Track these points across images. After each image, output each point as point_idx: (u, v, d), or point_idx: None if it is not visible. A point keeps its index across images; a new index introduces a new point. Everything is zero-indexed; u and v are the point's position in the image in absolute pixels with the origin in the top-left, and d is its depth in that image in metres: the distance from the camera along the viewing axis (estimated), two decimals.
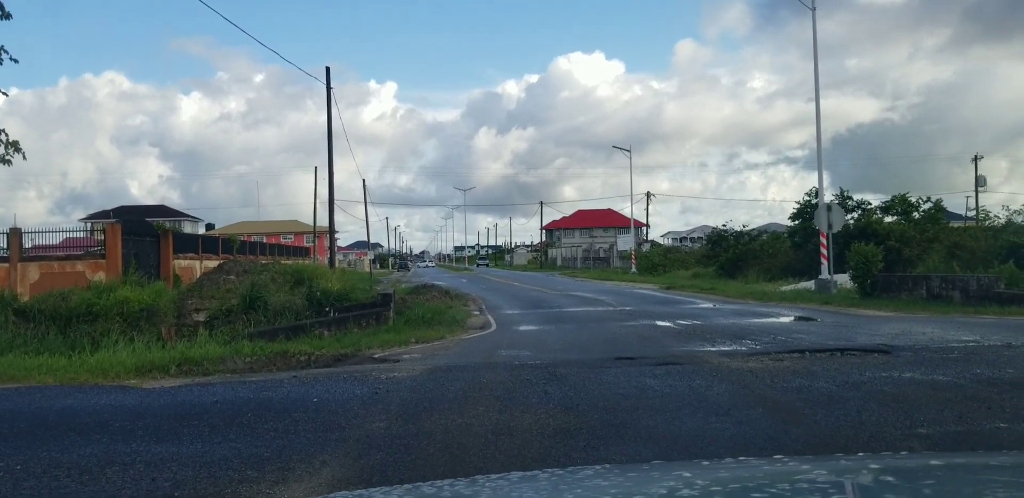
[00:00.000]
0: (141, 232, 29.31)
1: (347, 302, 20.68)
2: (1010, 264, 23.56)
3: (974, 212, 65.59)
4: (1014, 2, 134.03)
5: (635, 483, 2.17)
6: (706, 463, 2.50)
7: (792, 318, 18.50)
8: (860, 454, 2.27)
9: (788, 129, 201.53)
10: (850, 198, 38.77)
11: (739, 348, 12.23)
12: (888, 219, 37.77)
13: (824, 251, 27.08)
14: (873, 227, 34.64)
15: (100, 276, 24.71)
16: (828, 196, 33.52)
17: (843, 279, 26.59)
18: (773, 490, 1.94)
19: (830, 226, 26.39)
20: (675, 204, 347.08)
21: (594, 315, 21.00)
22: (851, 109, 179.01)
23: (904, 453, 2.67)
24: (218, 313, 20.14)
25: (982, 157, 71.94)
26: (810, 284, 29.10)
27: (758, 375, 8.93)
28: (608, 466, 2.65)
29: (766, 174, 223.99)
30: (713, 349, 12.18)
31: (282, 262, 36.84)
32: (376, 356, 12.62)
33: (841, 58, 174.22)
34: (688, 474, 2.20)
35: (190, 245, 34.37)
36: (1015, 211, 32.13)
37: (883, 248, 26.64)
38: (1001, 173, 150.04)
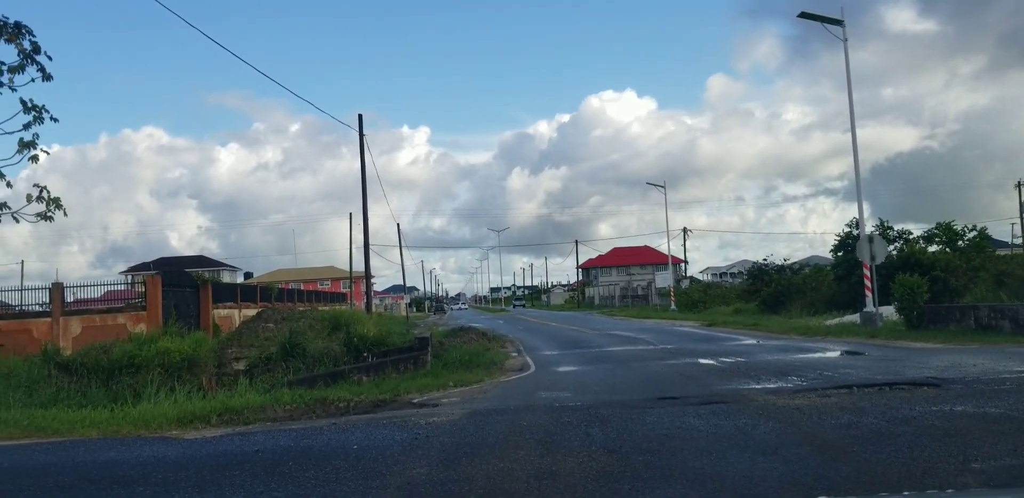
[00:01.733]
0: (181, 283, 29.69)
1: (384, 347, 20.68)
2: None
3: (1020, 239, 64.41)
4: None
5: None
6: None
7: (838, 353, 18.16)
8: (905, 493, 2.04)
9: (826, 160, 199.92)
10: (891, 228, 38.25)
11: (785, 385, 11.99)
12: (932, 248, 37.15)
13: (868, 283, 26.69)
14: (917, 257, 34.07)
15: (141, 328, 24.99)
16: (868, 227, 33.10)
17: (888, 311, 26.12)
18: None
19: (873, 258, 26.05)
20: (713, 239, 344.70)
21: (634, 354, 20.77)
22: (890, 138, 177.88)
23: (950, 491, 2.53)
24: (257, 361, 20.24)
25: None
26: (855, 317, 28.61)
27: (805, 412, 8.73)
28: None
29: (805, 206, 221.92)
30: (758, 387, 11.95)
31: (319, 308, 37.12)
32: (415, 401, 12.56)
33: (877, 87, 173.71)
34: None
35: (229, 294, 34.75)
36: None
37: (928, 278, 26.14)
38: None
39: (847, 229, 39.86)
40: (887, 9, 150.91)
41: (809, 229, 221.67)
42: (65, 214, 13.69)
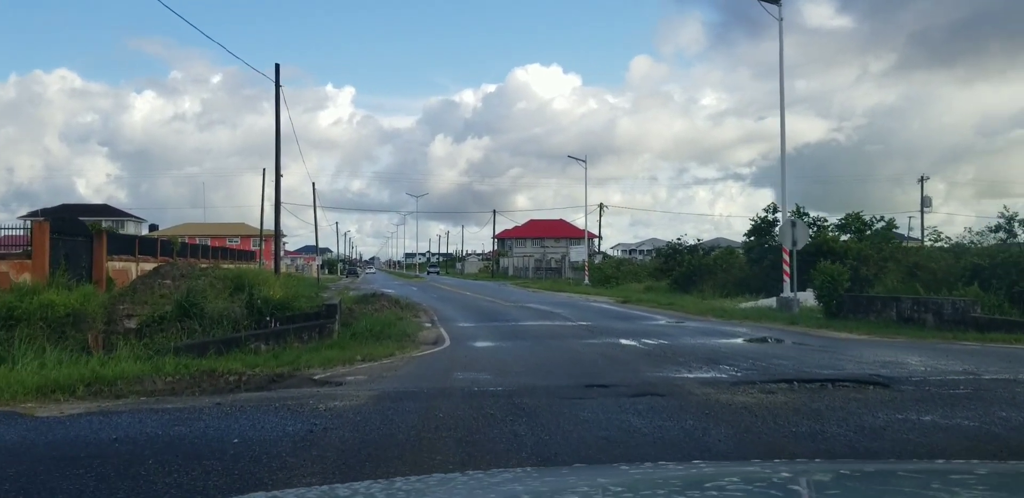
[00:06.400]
0: (72, 231, 27.51)
1: (290, 311, 19.26)
2: (975, 286, 22.90)
3: (916, 232, 65.72)
4: (957, 29, 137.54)
5: (550, 487, 2.12)
6: (625, 467, 2.53)
7: (763, 339, 17.52)
8: (776, 460, 2.43)
9: (737, 146, 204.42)
10: (806, 214, 38.05)
11: (719, 375, 11.13)
12: (843, 237, 37.31)
13: (787, 268, 26.33)
14: (830, 245, 34.13)
15: (25, 277, 23.04)
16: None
17: (804, 297, 25.84)
18: (682, 497, 1.94)
19: (794, 242, 25.61)
20: (624, 216, 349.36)
21: (552, 330, 19.87)
22: (799, 129, 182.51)
23: (819, 460, 3.01)
24: (150, 320, 18.67)
25: (928, 178, 72.61)
26: (769, 302, 28.35)
27: (756, 414, 7.77)
28: (528, 469, 2.64)
29: (714, 190, 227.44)
30: (691, 376, 11.06)
31: (223, 266, 35.09)
32: (316, 377, 11.26)
33: (790, 79, 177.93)
34: (604, 479, 2.21)
35: (126, 246, 32.56)
36: (978, 232, 31.51)
37: (844, 267, 25.95)
38: (940, 195, 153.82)
39: (764, 213, 39.69)
40: (806, 3, 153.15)
41: (716, 211, 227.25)
42: None
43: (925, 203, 71.05)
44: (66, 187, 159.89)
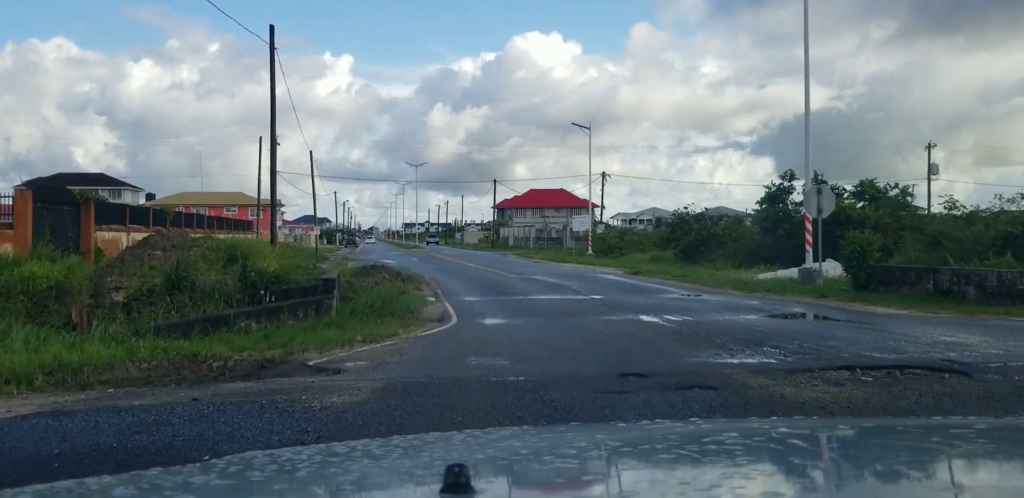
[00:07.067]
0: (59, 200, 26.11)
1: (285, 284, 17.98)
2: (1007, 256, 21.62)
3: (919, 200, 63.81)
4: None
5: (548, 443, 2.09)
6: (622, 425, 2.64)
7: (796, 315, 16.30)
8: (773, 418, 2.71)
9: (737, 115, 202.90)
10: (824, 182, 36.50)
11: (767, 360, 9.84)
12: (859, 205, 36.02)
13: (809, 238, 25.07)
14: (847, 213, 32.76)
15: (7, 248, 21.76)
16: (803, 180, 31.40)
17: (826, 268, 24.60)
18: (682, 451, 1.91)
19: (820, 211, 24.24)
20: (623, 186, 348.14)
21: (566, 305, 18.61)
22: (800, 97, 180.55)
23: (815, 418, 2.89)
24: (139, 293, 17.39)
25: (935, 145, 70.41)
26: (789, 273, 27.15)
27: (837, 416, 6.49)
28: (526, 427, 2.59)
29: (714, 158, 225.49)
30: (735, 362, 9.76)
31: (218, 236, 33.78)
32: (311, 363, 9.96)
33: (791, 48, 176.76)
34: (602, 435, 2.23)
35: (116, 215, 31.19)
36: (1008, 199, 30.05)
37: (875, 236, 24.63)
38: (940, 162, 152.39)
39: (779, 181, 38.28)
40: None
41: (716, 180, 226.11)
42: None
43: (932, 170, 69.21)
44: (63, 156, 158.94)
